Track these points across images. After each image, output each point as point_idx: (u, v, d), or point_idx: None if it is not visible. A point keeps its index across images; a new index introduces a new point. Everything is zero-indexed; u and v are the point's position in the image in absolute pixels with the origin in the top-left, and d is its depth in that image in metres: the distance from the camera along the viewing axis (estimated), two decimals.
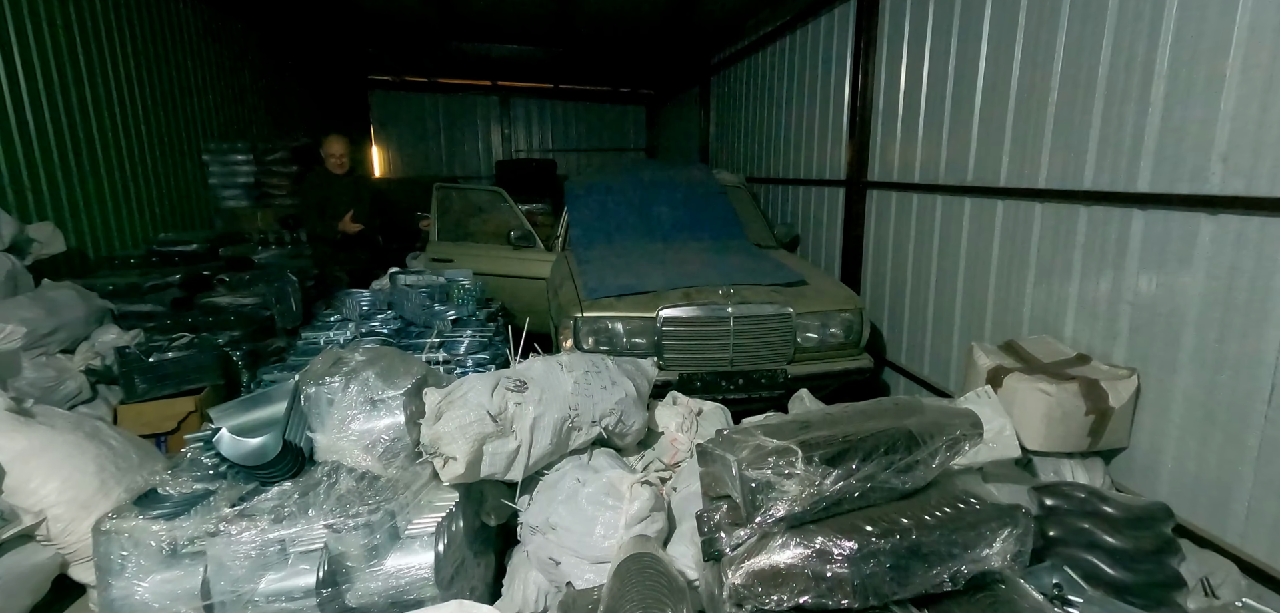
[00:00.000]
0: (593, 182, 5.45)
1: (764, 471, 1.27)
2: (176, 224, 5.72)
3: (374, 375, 2.10)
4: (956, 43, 3.68)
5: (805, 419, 1.46)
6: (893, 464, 1.33)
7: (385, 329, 3.69)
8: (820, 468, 1.27)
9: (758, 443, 1.32)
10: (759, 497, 1.27)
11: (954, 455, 1.46)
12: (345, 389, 2.03)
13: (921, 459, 1.36)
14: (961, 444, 1.46)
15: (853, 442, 1.32)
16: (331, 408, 2.00)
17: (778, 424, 1.46)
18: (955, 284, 3.77)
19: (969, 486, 1.50)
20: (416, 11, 7.36)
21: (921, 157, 4.05)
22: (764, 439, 1.33)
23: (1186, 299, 2.44)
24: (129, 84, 5.16)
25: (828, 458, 1.29)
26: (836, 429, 1.37)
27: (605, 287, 3.77)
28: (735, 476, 1.30)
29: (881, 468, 1.32)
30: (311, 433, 2.00)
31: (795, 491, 1.26)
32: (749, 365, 3.62)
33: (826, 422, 1.43)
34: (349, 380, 2.05)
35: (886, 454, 1.33)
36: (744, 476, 1.28)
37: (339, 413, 2.00)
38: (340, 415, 2.00)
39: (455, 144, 13.22)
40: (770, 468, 1.27)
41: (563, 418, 2.25)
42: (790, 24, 5.88)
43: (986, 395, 2.22)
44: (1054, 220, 3.04)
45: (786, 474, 1.26)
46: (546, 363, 2.37)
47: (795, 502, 1.27)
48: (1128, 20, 2.63)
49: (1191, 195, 2.37)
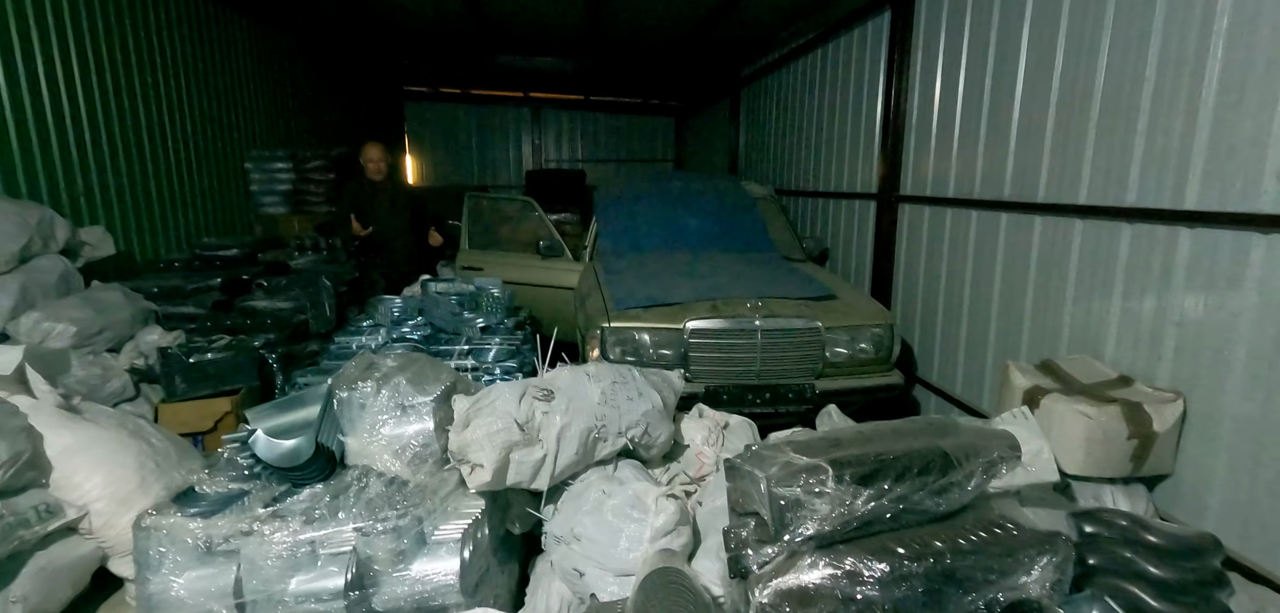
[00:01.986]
0: (621, 191, 5.47)
1: (794, 488, 1.25)
2: (219, 229, 5.91)
3: (405, 381, 2.13)
4: (994, 55, 3.61)
5: (836, 437, 1.43)
6: (927, 486, 1.30)
7: (415, 335, 3.74)
8: (851, 487, 1.25)
9: (787, 460, 1.30)
10: (788, 515, 1.25)
11: (990, 479, 1.42)
12: (377, 394, 2.06)
13: (957, 481, 1.32)
14: (998, 467, 1.42)
15: (885, 461, 1.29)
16: (363, 412, 2.04)
17: (808, 441, 1.44)
18: (990, 301, 3.68)
19: (1006, 510, 1.46)
20: (454, 25, 7.50)
21: (956, 170, 3.98)
22: (794, 456, 1.31)
23: (1236, 321, 2.34)
24: (178, 95, 5.35)
25: (860, 477, 1.26)
26: (869, 448, 1.34)
27: (633, 297, 3.78)
28: (764, 492, 1.28)
29: (915, 489, 1.29)
30: (343, 437, 2.04)
31: (825, 510, 1.24)
32: (776, 379, 3.58)
33: (858, 440, 1.41)
34: (380, 386, 2.08)
35: (920, 475, 1.30)
36: (773, 493, 1.26)
37: (370, 418, 2.03)
38: (371, 420, 2.03)
39: (487, 153, 13.44)
40: (800, 486, 1.25)
41: (589, 428, 2.25)
42: (823, 36, 5.84)
43: (1023, 417, 2.16)
44: (1095, 238, 2.95)
45: (817, 493, 1.24)
46: (574, 373, 2.38)
47: (825, 521, 1.24)
48: (1174, 33, 2.55)
49: (1242, 214, 2.28)
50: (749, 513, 1.41)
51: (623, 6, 6.38)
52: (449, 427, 2.14)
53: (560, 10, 6.67)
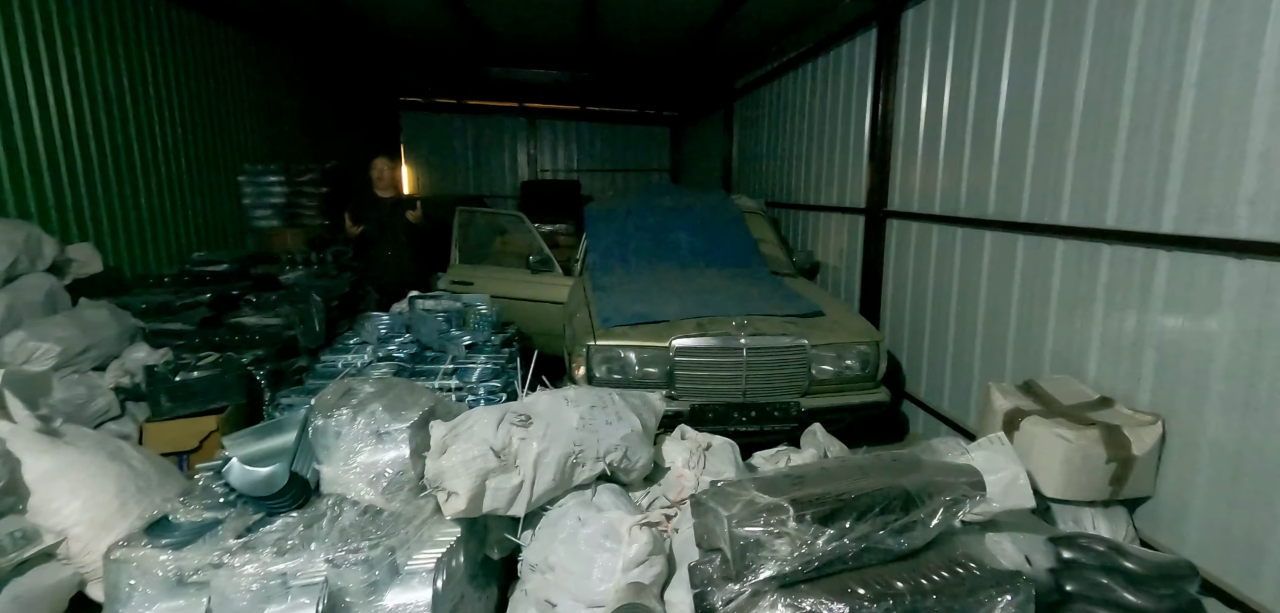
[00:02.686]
0: (612, 206, 5.49)
1: (755, 528, 1.25)
2: (212, 243, 5.91)
3: (381, 408, 2.13)
4: (978, 74, 3.63)
5: (800, 473, 1.44)
6: (888, 525, 1.30)
7: (402, 354, 3.75)
8: (812, 527, 1.25)
9: (750, 498, 1.31)
10: (749, 555, 1.26)
11: (954, 516, 1.42)
12: (352, 421, 2.06)
13: (919, 520, 1.32)
14: (961, 505, 1.42)
15: (847, 501, 1.29)
16: (339, 440, 2.04)
17: (771, 478, 1.44)
18: (976, 319, 3.69)
19: (970, 548, 1.46)
20: (449, 38, 7.53)
21: (942, 188, 3.99)
22: (756, 494, 1.31)
23: (1214, 345, 2.35)
24: (170, 108, 5.36)
25: (821, 517, 1.27)
26: (831, 486, 1.34)
27: (619, 315, 3.78)
28: (725, 532, 1.29)
29: (876, 528, 1.29)
30: (318, 464, 2.04)
31: (786, 550, 1.24)
32: (762, 398, 3.58)
33: (822, 477, 1.41)
34: (356, 413, 2.08)
35: (882, 514, 1.30)
36: (734, 532, 1.26)
37: (345, 445, 2.03)
38: (346, 448, 2.03)
39: (483, 164, 13.46)
40: (761, 525, 1.26)
41: (567, 454, 2.25)
42: (813, 51, 5.87)
43: (1000, 442, 2.16)
44: (1076, 258, 2.96)
45: (777, 533, 1.24)
46: (553, 397, 2.38)
47: (786, 562, 1.25)
48: (1151, 56, 2.57)
49: (1217, 239, 2.29)
50: (714, 549, 1.41)
51: (616, 19, 6.41)
52: (426, 453, 2.14)
53: (555, 23, 6.70)
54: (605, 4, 5.84)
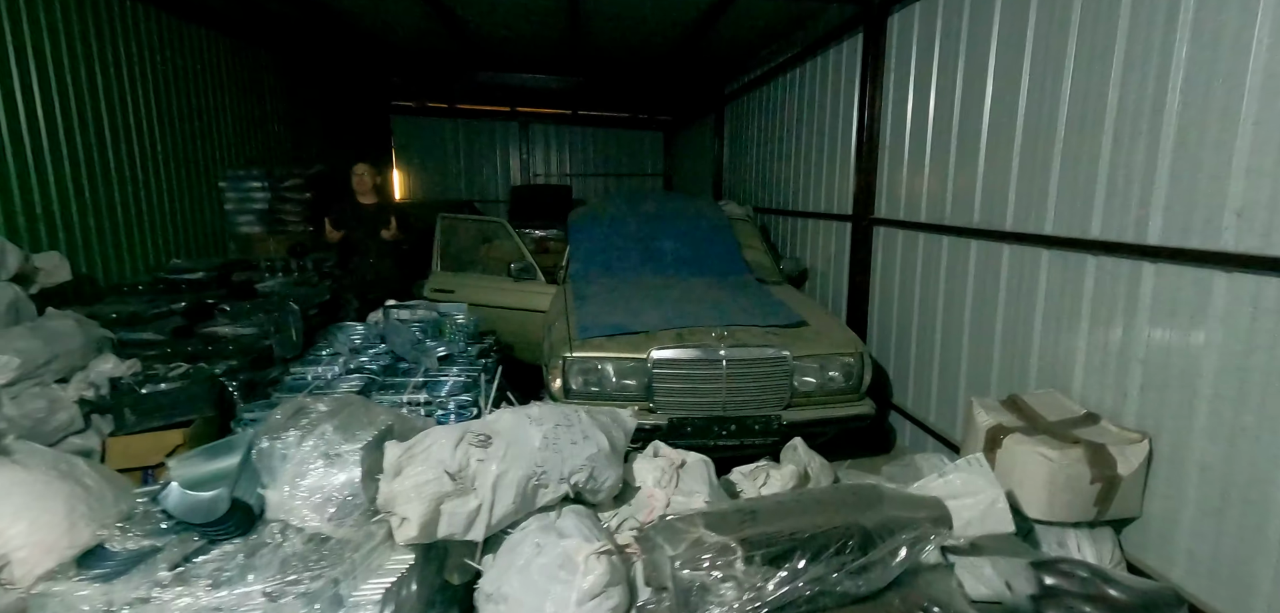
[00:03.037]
0: (596, 213, 5.41)
1: (700, 571, 1.17)
2: (193, 251, 5.81)
3: (332, 429, 2.04)
4: (962, 80, 3.56)
5: (753, 507, 1.35)
6: (845, 565, 1.22)
7: (375, 365, 3.66)
8: (762, 569, 1.17)
9: (697, 537, 1.22)
10: (695, 599, 1.17)
11: (917, 555, 1.33)
12: (300, 443, 1.97)
13: (878, 560, 1.24)
14: (924, 543, 1.33)
15: (800, 540, 1.20)
16: (285, 463, 1.95)
17: (722, 515, 1.35)
18: (962, 330, 3.61)
19: (935, 588, 1.37)
20: (436, 43, 7.45)
21: (928, 195, 3.91)
22: (704, 532, 1.23)
23: (1201, 362, 2.26)
24: (147, 114, 5.27)
25: (771, 558, 1.18)
26: (784, 524, 1.26)
27: (598, 325, 3.69)
28: (670, 573, 1.20)
29: (832, 570, 1.21)
30: (263, 489, 1.94)
31: (732, 595, 1.15)
32: (743, 411, 3.49)
33: (776, 512, 1.32)
34: (305, 434, 1.99)
35: (837, 554, 1.22)
36: (678, 576, 1.18)
37: (292, 468, 1.94)
38: (293, 471, 1.94)
39: (475, 168, 13.38)
40: (707, 568, 1.17)
41: (528, 475, 2.16)
42: (801, 56, 5.79)
43: (977, 464, 2.08)
44: (1062, 269, 2.88)
45: (724, 577, 1.16)
46: (515, 415, 2.29)
47: (733, 606, 1.16)
48: (1135, 63, 2.49)
49: (1203, 251, 2.21)
50: (662, 588, 1.33)
51: (603, 24, 6.34)
52: (380, 476, 2.05)
53: (542, 26, 6.62)
54: (590, 8, 5.76)
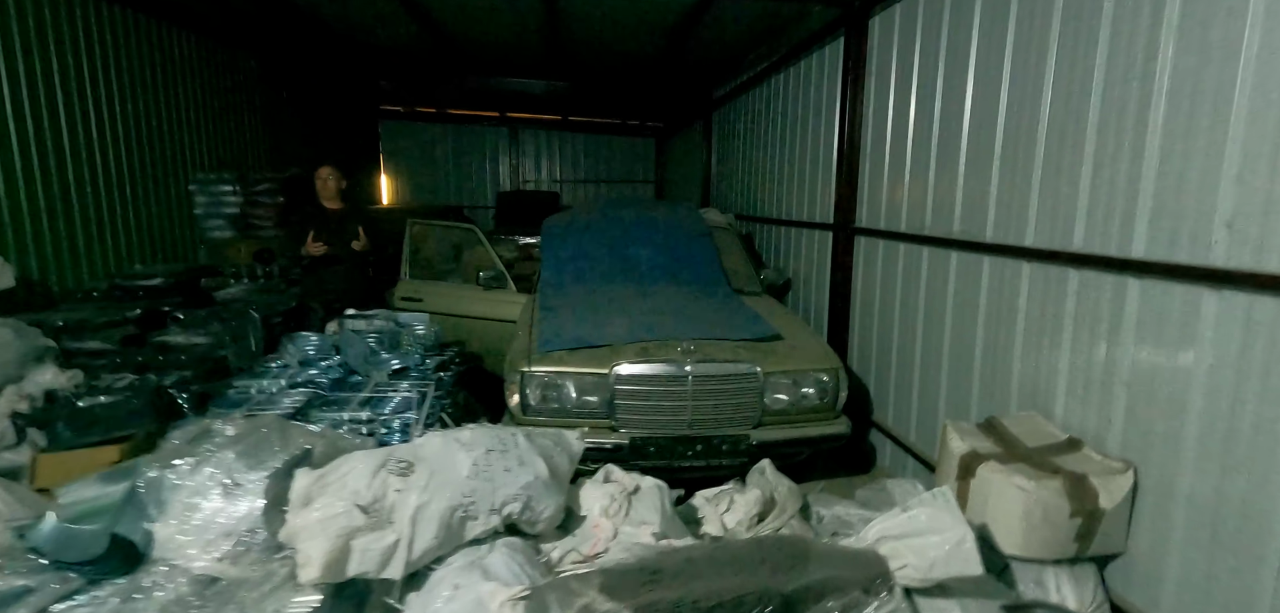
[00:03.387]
0: (571, 220, 5.24)
1: None
2: (158, 256, 5.64)
3: (235, 455, 1.87)
4: (943, 84, 3.39)
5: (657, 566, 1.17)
6: None
7: (325, 378, 3.48)
8: None
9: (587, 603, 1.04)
10: None
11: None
12: (195, 472, 1.79)
13: None
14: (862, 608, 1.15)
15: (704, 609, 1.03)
16: (176, 494, 1.76)
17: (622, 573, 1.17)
18: (942, 346, 3.43)
19: None
20: (416, 45, 7.30)
21: (908, 204, 3.74)
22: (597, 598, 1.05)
23: (1189, 386, 2.09)
24: (108, 111, 5.09)
25: None
26: (691, 587, 1.08)
27: (560, 338, 3.52)
28: None
29: None
30: (151, 524, 1.76)
31: None
32: (709, 430, 3.31)
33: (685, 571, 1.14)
34: (202, 461, 1.81)
35: None
36: None
37: (182, 500, 1.76)
38: (184, 503, 1.75)
39: (464, 174, 13.22)
40: None
41: (454, 506, 1.98)
42: (785, 59, 5.64)
43: (944, 498, 1.90)
44: (1043, 283, 2.70)
45: None
46: (445, 440, 2.11)
47: None
48: (1119, 65, 2.33)
49: (1191, 266, 2.03)
50: None
51: (582, 27, 6.18)
52: (287, 507, 1.87)
53: (520, 30, 6.48)
54: (565, 8, 5.61)
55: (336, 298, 4.87)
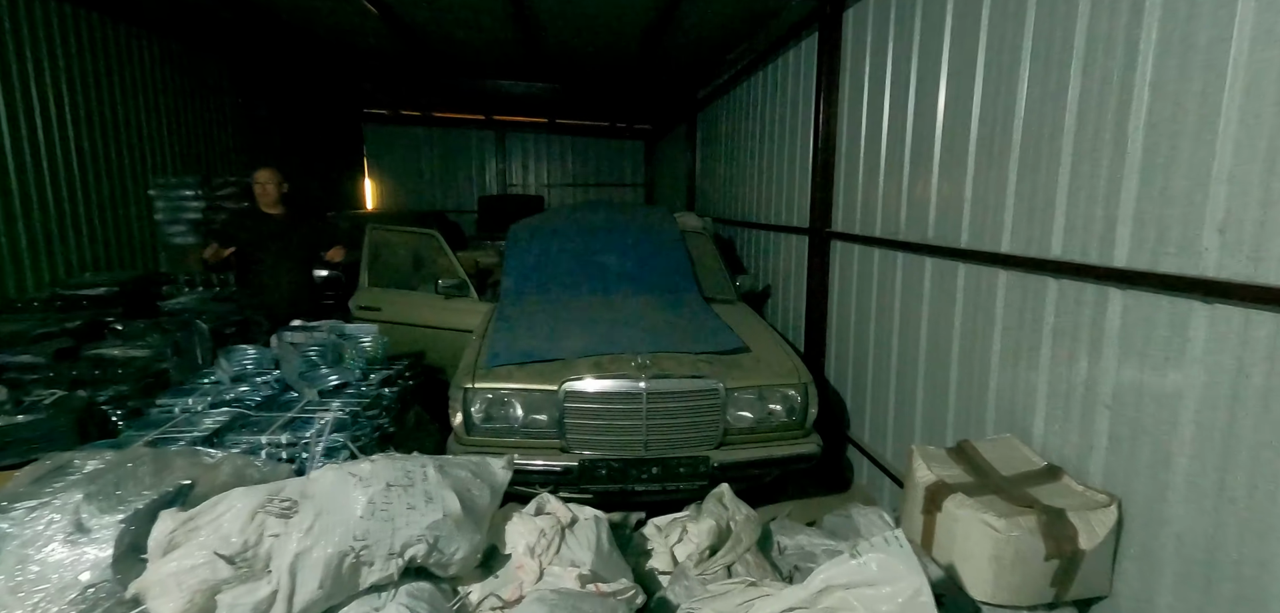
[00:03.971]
0: (539, 224, 5.01)
1: None
2: (114, 264, 5.43)
3: (86, 495, 1.63)
4: (916, 81, 3.17)
5: None
6: None
7: (257, 396, 3.25)
8: None
9: None
10: None
11: None
12: (35, 516, 1.56)
13: None
14: None
15: None
16: (6, 542, 1.53)
17: None
18: (917, 359, 3.20)
19: None
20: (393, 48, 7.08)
21: (883, 207, 3.52)
22: None
23: (1178, 409, 1.85)
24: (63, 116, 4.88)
25: None
26: None
27: (509, 351, 3.29)
28: None
29: None
30: None
31: None
32: (667, 451, 3.08)
33: None
34: (45, 503, 1.58)
35: None
36: None
37: (15, 550, 1.52)
38: (17, 553, 1.52)
39: (450, 178, 13.02)
40: None
41: (345, 551, 1.74)
42: (761, 58, 5.43)
43: (898, 544, 1.66)
44: (1020, 293, 2.47)
45: None
46: (339, 474, 1.87)
47: None
48: (1098, 52, 2.10)
49: (1179, 277, 1.80)
50: None
51: (555, 28, 5.97)
52: (145, 557, 1.64)
53: (492, 35, 6.26)
54: (539, 7, 5.39)
55: (279, 310, 4.62)
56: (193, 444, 2.63)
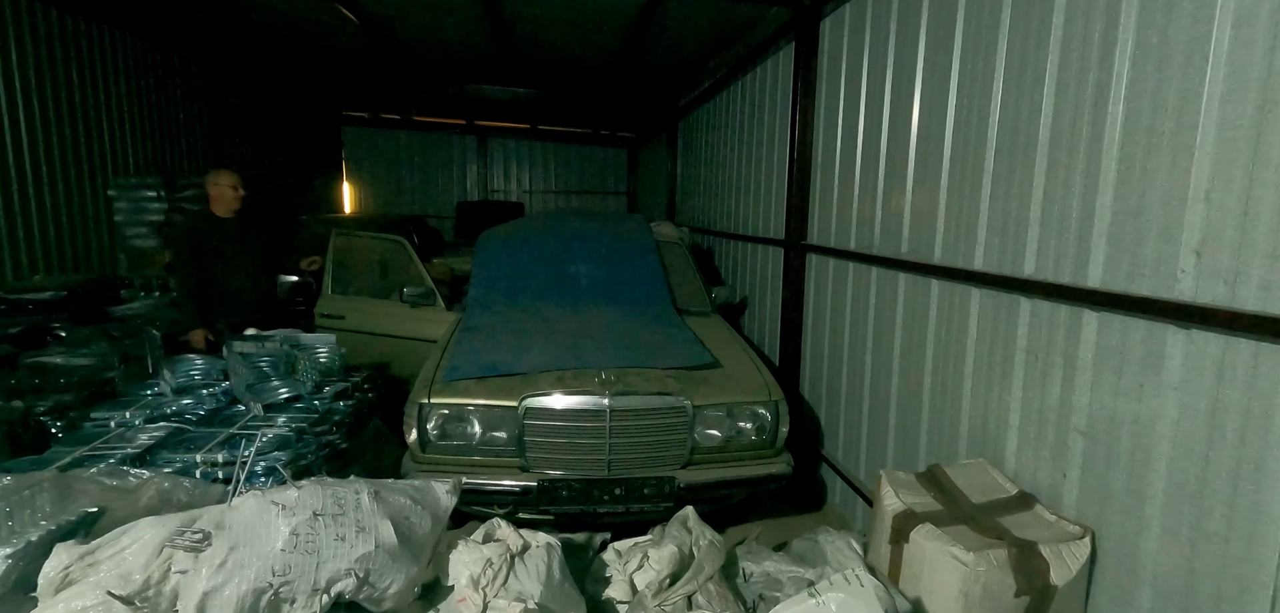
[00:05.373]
0: (509, 232, 4.88)
1: None
2: (67, 266, 5.21)
3: None
4: (891, 91, 3.09)
5: None
6: None
7: (201, 409, 3.08)
8: None
9: None
10: None
11: None
12: None
13: None
14: None
15: None
16: None
17: None
18: (891, 376, 3.11)
19: None
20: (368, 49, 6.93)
21: (858, 220, 3.44)
22: None
23: (1153, 440, 1.77)
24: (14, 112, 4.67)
25: None
26: None
27: (469, 365, 3.15)
28: None
29: None
30: None
31: None
32: (631, 471, 2.96)
33: None
34: None
35: None
36: None
37: None
38: None
39: (430, 183, 12.85)
40: None
41: (261, 588, 1.60)
42: (739, 67, 5.35)
43: (858, 584, 1.55)
44: (993, 312, 2.39)
45: None
46: (260, 503, 1.73)
47: None
48: (1072, 64, 2.02)
49: (1153, 299, 1.72)
50: None
51: (529, 29, 5.85)
52: (34, 594, 1.49)
53: (466, 34, 6.14)
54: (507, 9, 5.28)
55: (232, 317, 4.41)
56: (122, 463, 2.48)
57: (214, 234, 4.16)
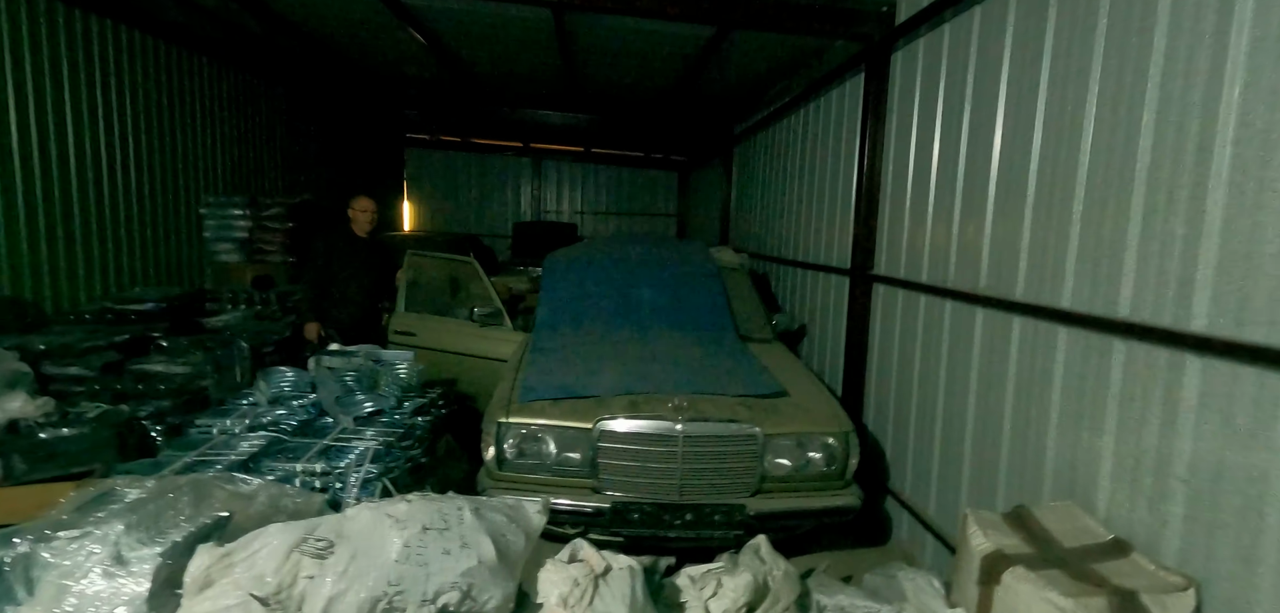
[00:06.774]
0: (575, 255, 5.01)
1: None
2: (164, 279, 5.59)
3: (127, 525, 1.63)
4: (969, 122, 3.08)
5: None
6: None
7: (293, 420, 3.26)
8: None
9: None
10: None
11: None
12: (73, 547, 1.55)
13: None
14: None
15: None
16: (47, 572, 1.53)
17: None
18: (966, 412, 3.07)
19: None
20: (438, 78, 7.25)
21: (930, 252, 3.41)
22: None
23: (1267, 494, 1.71)
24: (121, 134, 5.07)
25: None
26: None
27: (545, 386, 3.25)
28: None
29: None
30: (17, 609, 1.52)
31: None
32: (701, 497, 2.99)
33: None
34: (84, 534, 1.57)
35: None
36: None
37: (55, 580, 1.52)
38: (56, 585, 1.51)
39: (486, 202, 13.26)
40: None
41: (377, 596, 1.70)
42: (803, 96, 5.38)
43: None
44: (1083, 352, 2.35)
45: None
46: (375, 515, 1.84)
47: None
48: (1174, 98, 1.99)
49: (1266, 348, 1.67)
50: None
51: (599, 59, 6.02)
52: (180, 591, 1.62)
53: (536, 67, 6.37)
54: (584, 43, 5.46)
55: (350, 331, 4.67)
56: (229, 469, 2.65)
57: (349, 249, 4.56)
